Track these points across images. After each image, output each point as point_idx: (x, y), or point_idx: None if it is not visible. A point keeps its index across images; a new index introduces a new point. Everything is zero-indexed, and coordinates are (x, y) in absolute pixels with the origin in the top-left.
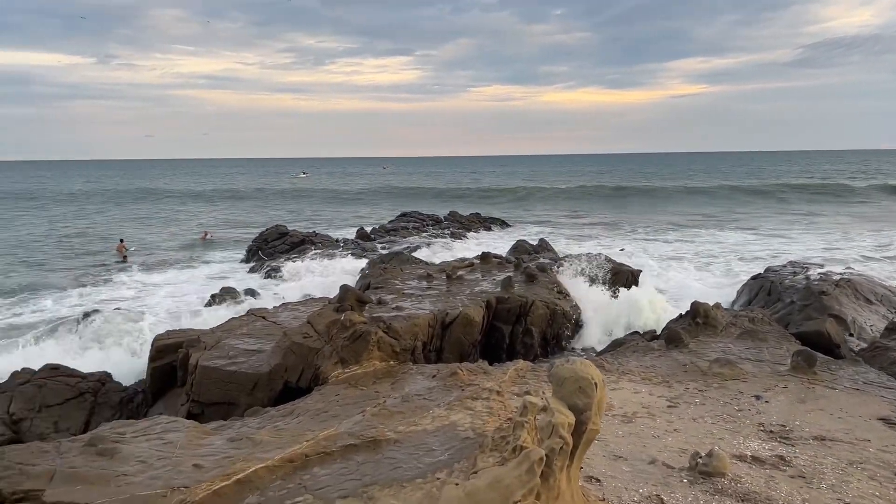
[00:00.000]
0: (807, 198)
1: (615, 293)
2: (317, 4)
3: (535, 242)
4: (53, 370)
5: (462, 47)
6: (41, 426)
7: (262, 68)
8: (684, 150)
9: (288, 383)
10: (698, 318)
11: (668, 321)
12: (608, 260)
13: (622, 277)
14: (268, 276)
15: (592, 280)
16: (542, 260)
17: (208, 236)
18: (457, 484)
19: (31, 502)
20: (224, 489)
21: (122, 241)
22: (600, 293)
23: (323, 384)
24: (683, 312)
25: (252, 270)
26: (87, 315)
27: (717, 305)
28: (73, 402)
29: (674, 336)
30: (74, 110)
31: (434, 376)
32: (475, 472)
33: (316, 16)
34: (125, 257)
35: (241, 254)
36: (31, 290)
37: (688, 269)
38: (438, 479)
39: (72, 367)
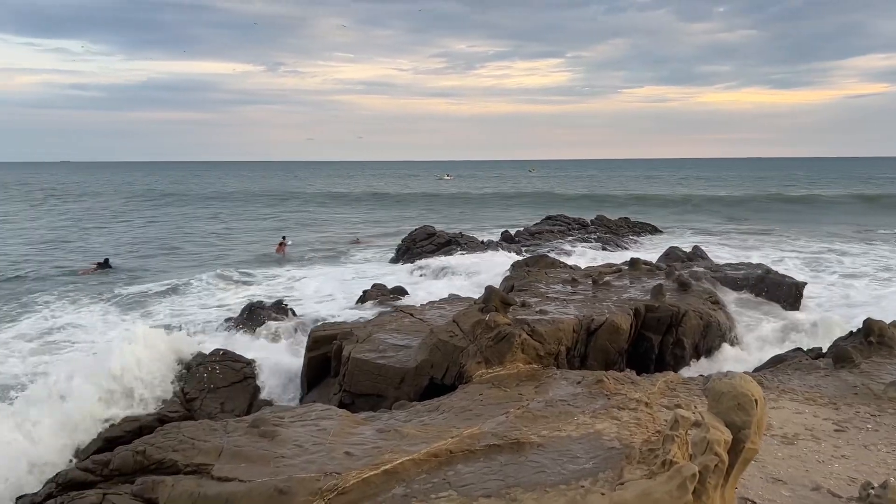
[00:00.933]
0: None
1: (777, 306)
2: (468, 10)
3: (688, 250)
4: (222, 355)
5: (615, 48)
6: (210, 406)
7: (416, 73)
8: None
9: (433, 379)
10: (871, 336)
11: (836, 339)
12: (769, 271)
13: (784, 290)
14: (415, 274)
15: (750, 290)
16: (695, 268)
17: (359, 241)
18: (602, 493)
19: (202, 475)
20: (373, 478)
21: (284, 237)
22: (755, 305)
23: (467, 383)
24: (854, 330)
25: (400, 269)
26: (250, 307)
27: (895, 324)
28: (238, 386)
29: (843, 355)
30: (245, 115)
31: (579, 382)
32: (621, 484)
33: (467, 21)
34: (283, 251)
35: (391, 253)
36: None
37: (862, 285)
38: (583, 486)
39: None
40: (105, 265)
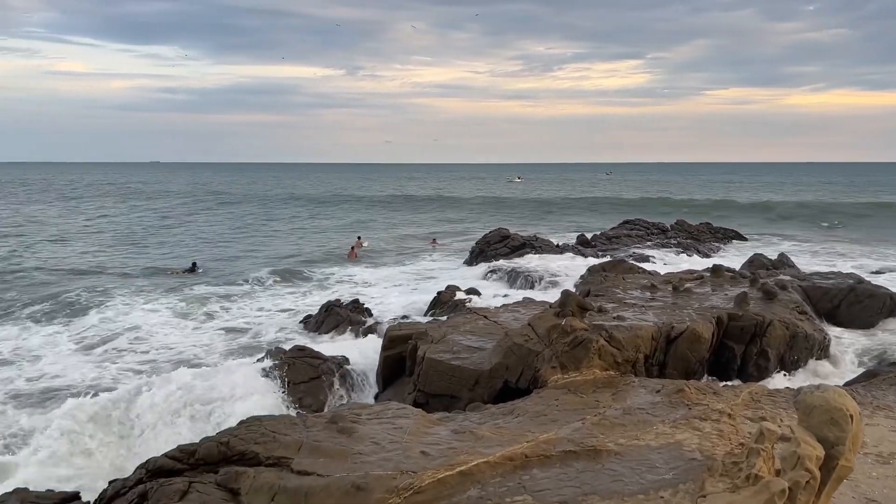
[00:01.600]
0: None
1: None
2: (548, 11)
3: (773, 257)
4: (300, 351)
5: (697, 48)
6: (288, 400)
7: (492, 76)
8: None
9: (507, 382)
10: None
11: None
12: (861, 281)
13: (878, 302)
14: (489, 277)
15: (841, 301)
16: (781, 277)
17: (435, 242)
18: None
19: (282, 468)
20: (448, 479)
21: (359, 238)
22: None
23: (542, 387)
24: None
25: (474, 271)
26: (328, 305)
27: None
28: (315, 382)
29: None
30: (324, 118)
31: (658, 391)
32: (703, 496)
33: (546, 23)
34: (356, 252)
35: (464, 255)
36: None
37: None
38: (662, 497)
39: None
40: (193, 269)
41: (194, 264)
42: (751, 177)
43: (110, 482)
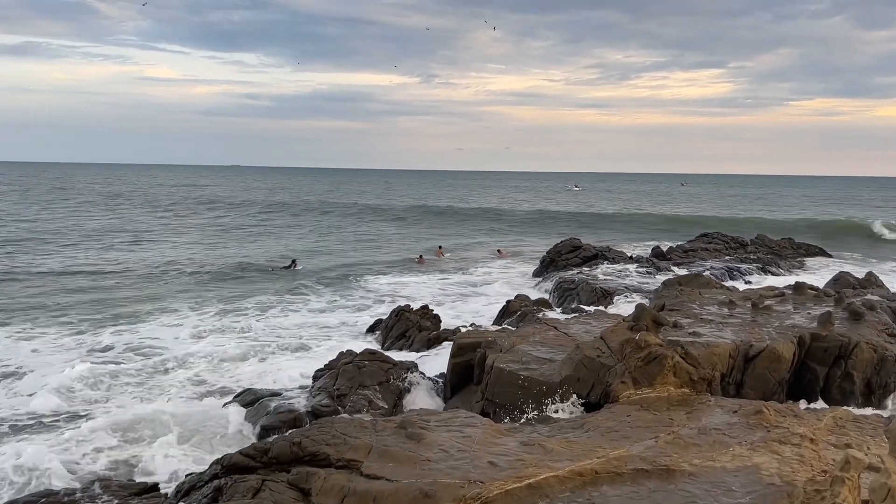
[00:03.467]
0: None
1: None
2: (627, 19)
3: (861, 276)
4: (371, 354)
5: (782, 58)
6: (358, 403)
7: (567, 84)
8: None
9: (578, 395)
10: None
11: None
12: None
13: None
14: (559, 288)
15: None
16: (869, 296)
17: (501, 252)
18: None
19: (352, 471)
20: (516, 491)
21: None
22: None
23: (613, 402)
24: None
25: (544, 281)
26: (398, 310)
27: None
28: (385, 385)
29: None
30: (399, 125)
31: (735, 412)
32: None
33: (624, 31)
34: (420, 259)
35: (535, 265)
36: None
37: None
38: None
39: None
40: (293, 265)
41: (294, 261)
42: (836, 190)
43: (187, 476)
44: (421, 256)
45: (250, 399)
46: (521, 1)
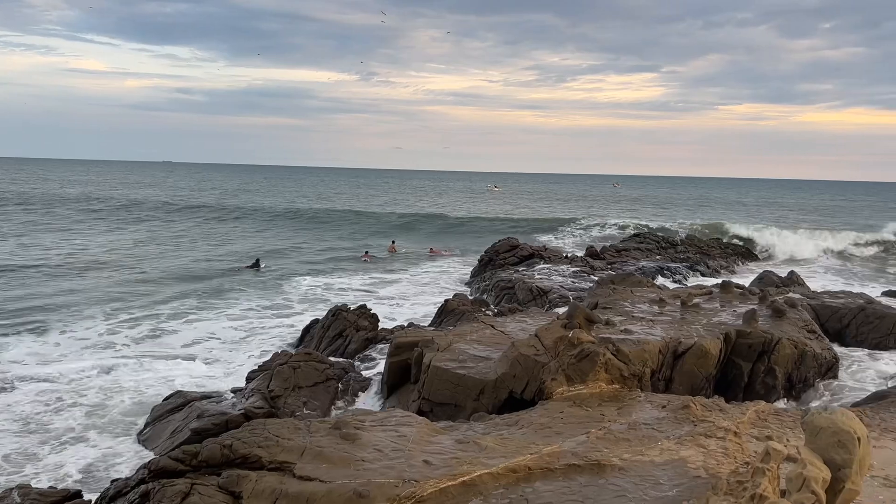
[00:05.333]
0: None
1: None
2: (564, 22)
3: (783, 275)
4: (306, 355)
5: (712, 63)
6: (293, 404)
7: (506, 85)
8: None
9: (512, 393)
10: None
11: None
12: (871, 301)
13: (888, 323)
14: (497, 287)
15: (850, 321)
16: (791, 295)
17: (432, 251)
18: None
19: (284, 472)
20: (450, 488)
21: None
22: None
23: (547, 399)
24: None
25: (482, 280)
26: (335, 310)
27: None
28: (321, 386)
29: None
30: (338, 122)
31: (664, 407)
32: None
33: (562, 34)
34: (368, 256)
35: (467, 265)
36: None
37: None
38: None
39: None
40: (256, 265)
41: (257, 261)
42: (762, 192)
43: (112, 481)
44: (367, 253)
45: (180, 402)
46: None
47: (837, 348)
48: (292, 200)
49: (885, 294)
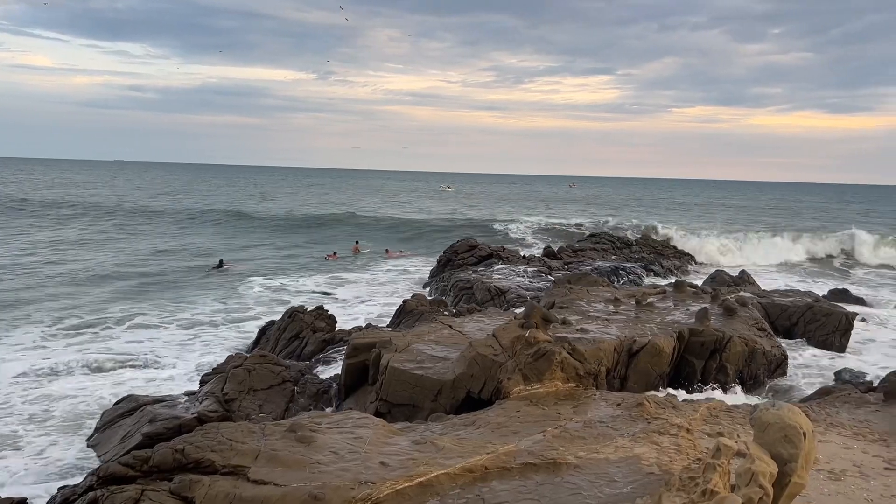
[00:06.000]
0: None
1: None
2: (523, 24)
3: (735, 274)
4: (262, 357)
5: (666, 66)
6: (248, 407)
7: (464, 86)
8: None
9: (470, 393)
10: None
11: (888, 372)
12: (818, 299)
13: (834, 320)
14: (455, 287)
15: (798, 319)
16: (742, 293)
17: (389, 252)
18: None
19: (238, 476)
20: (407, 490)
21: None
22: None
23: (504, 398)
24: None
25: (441, 280)
26: (292, 311)
27: None
28: (277, 389)
29: (895, 389)
30: (294, 122)
31: (619, 405)
32: None
33: (520, 35)
34: (333, 255)
35: (426, 265)
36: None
37: None
38: None
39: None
40: (220, 266)
41: (221, 261)
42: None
43: (59, 488)
44: (335, 253)
45: (132, 406)
46: (420, 2)
47: (786, 345)
48: (242, 201)
49: (832, 292)
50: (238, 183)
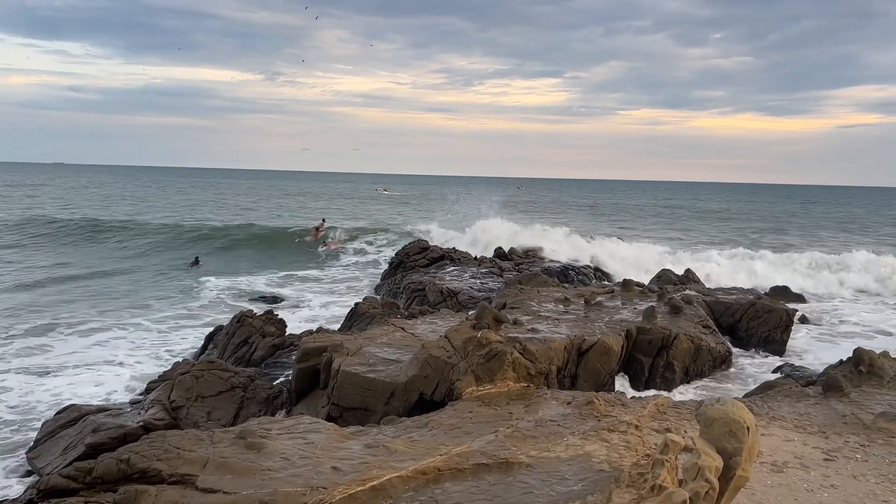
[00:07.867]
0: None
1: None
2: (472, 27)
3: (680, 272)
4: (210, 363)
5: (612, 69)
6: (196, 415)
7: (414, 88)
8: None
9: (423, 395)
10: (861, 366)
11: (826, 367)
12: (760, 296)
13: (776, 317)
14: (407, 289)
15: (741, 315)
16: (687, 292)
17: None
18: None
19: (186, 486)
20: (359, 494)
21: (323, 220)
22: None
23: (457, 399)
24: (845, 358)
25: (393, 282)
26: (240, 316)
27: (885, 354)
28: (226, 395)
29: (833, 383)
30: (242, 123)
31: (569, 403)
32: None
33: (470, 38)
34: (318, 235)
35: (384, 266)
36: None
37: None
38: None
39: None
40: (195, 263)
41: (196, 259)
42: (660, 194)
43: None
44: (317, 230)
45: (74, 416)
46: (368, 3)
47: (730, 341)
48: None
49: (773, 289)
50: (186, 186)
